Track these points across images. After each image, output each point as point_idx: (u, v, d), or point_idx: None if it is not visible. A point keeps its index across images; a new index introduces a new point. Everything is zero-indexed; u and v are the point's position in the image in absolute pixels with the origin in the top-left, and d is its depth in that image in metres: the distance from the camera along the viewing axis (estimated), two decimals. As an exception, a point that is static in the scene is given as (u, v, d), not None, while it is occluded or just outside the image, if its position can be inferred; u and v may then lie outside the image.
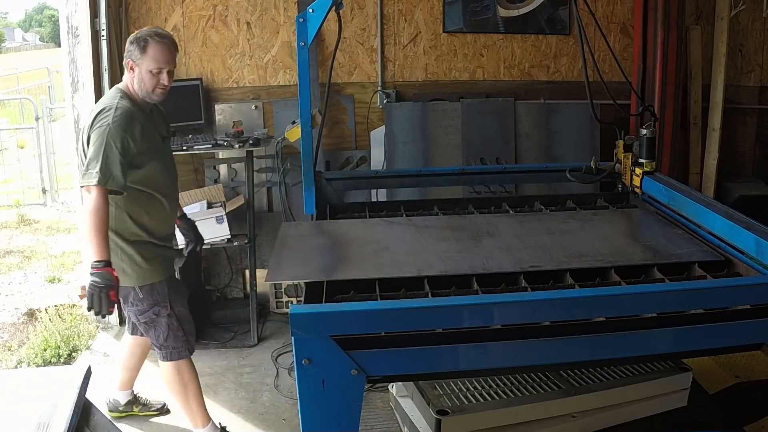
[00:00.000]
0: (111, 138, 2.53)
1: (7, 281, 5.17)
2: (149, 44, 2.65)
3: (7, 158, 8.59)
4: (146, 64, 2.64)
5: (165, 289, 2.77)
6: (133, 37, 2.68)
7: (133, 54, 2.66)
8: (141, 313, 2.77)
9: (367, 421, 2.90)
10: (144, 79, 2.66)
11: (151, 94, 2.69)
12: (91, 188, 2.48)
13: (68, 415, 1.54)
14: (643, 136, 2.79)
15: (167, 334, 2.80)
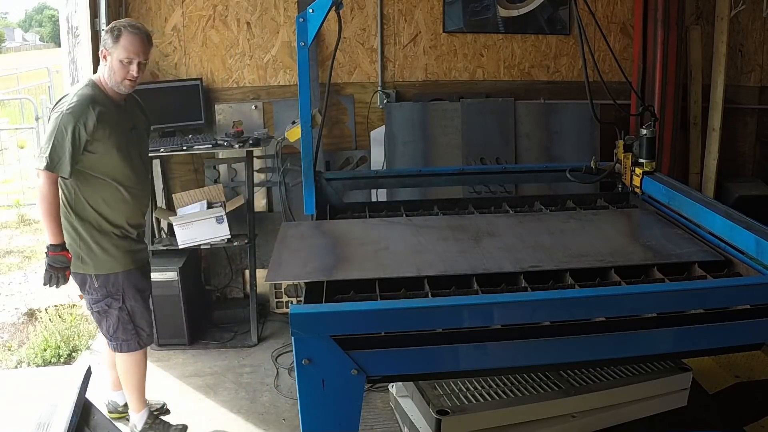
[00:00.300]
0: (63, 124, 2.57)
1: (7, 281, 5.17)
2: (122, 34, 2.67)
3: (7, 158, 8.58)
4: (117, 53, 2.66)
5: (120, 281, 2.79)
6: (108, 27, 2.72)
7: (107, 43, 2.68)
8: (94, 302, 2.80)
9: (367, 421, 2.90)
10: (114, 69, 2.68)
11: (119, 84, 2.71)
12: (40, 173, 2.55)
13: (68, 415, 1.54)
14: (643, 136, 2.79)
15: (116, 326, 2.82)
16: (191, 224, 3.81)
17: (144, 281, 2.94)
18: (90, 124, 2.62)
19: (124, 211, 2.80)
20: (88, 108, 2.62)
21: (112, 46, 2.68)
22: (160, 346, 3.87)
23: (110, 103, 2.72)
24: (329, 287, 2.02)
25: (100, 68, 2.75)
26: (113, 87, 2.73)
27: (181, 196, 4.02)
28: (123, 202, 2.79)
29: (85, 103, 2.63)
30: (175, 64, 4.21)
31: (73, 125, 2.57)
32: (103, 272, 2.77)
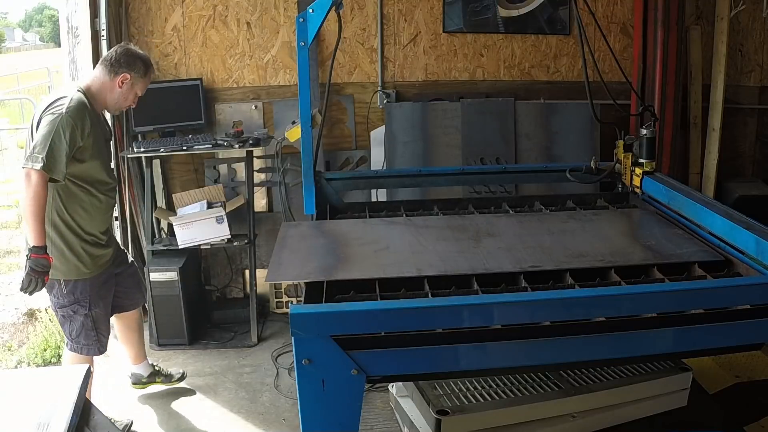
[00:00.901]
0: (61, 126, 2.56)
1: (7, 281, 5.17)
2: (150, 71, 2.85)
3: (7, 158, 8.59)
4: (140, 85, 2.84)
5: (88, 288, 2.81)
6: (138, 55, 2.81)
7: (137, 71, 2.79)
8: (60, 306, 2.81)
9: (367, 421, 2.90)
10: (128, 96, 2.82)
11: (119, 108, 2.88)
12: (33, 173, 2.51)
13: (68, 415, 1.54)
14: (643, 136, 2.79)
15: (80, 331, 2.84)
16: (191, 224, 3.81)
17: (106, 287, 2.94)
18: (85, 131, 2.65)
19: (98, 218, 2.84)
20: (84, 115, 2.65)
21: (139, 78, 2.81)
22: (160, 346, 3.87)
23: (94, 114, 2.75)
24: (329, 287, 2.02)
25: (92, 78, 2.79)
26: (111, 107, 2.84)
27: (181, 196, 4.02)
28: (98, 210, 2.82)
29: (82, 109, 2.65)
30: (175, 64, 4.22)
31: (71, 129, 2.58)
32: (72, 278, 2.77)
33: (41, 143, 2.53)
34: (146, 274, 3.83)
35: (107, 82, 2.77)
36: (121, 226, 4.07)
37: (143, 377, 3.38)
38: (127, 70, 2.76)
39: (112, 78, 2.76)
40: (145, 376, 3.38)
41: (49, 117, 2.59)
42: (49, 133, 2.55)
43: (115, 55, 2.77)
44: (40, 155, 2.52)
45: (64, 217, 2.73)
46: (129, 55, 2.78)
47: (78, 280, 2.79)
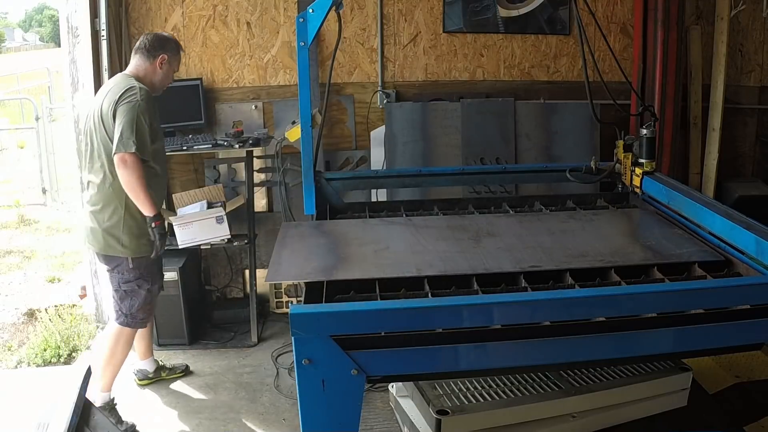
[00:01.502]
0: (140, 113, 2.85)
1: (7, 281, 5.17)
2: (180, 48, 3.16)
3: (7, 158, 8.59)
4: (175, 63, 3.14)
5: (150, 264, 3.10)
6: (167, 37, 3.13)
7: (171, 50, 3.09)
8: (125, 282, 3.05)
9: (367, 421, 2.90)
10: (168, 75, 3.12)
11: (163, 87, 3.15)
12: (128, 156, 2.80)
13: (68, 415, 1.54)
14: (643, 136, 2.79)
15: (141, 305, 3.08)
16: (191, 224, 3.80)
17: (160, 265, 3.26)
18: (154, 115, 2.97)
19: (160, 196, 3.13)
20: (152, 100, 2.96)
21: (174, 56, 3.11)
22: (160, 346, 3.87)
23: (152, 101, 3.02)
24: (329, 287, 2.02)
25: (137, 67, 3.05)
26: (155, 87, 3.09)
27: (181, 196, 4.02)
28: (161, 188, 3.13)
29: (150, 96, 2.96)
30: (175, 64, 4.21)
31: (149, 114, 2.90)
32: (138, 255, 3.03)
33: (128, 129, 2.80)
34: (146, 274, 3.84)
35: (148, 66, 3.06)
36: (121, 226, 4.07)
37: (149, 373, 3.48)
38: (162, 51, 3.06)
39: (152, 62, 3.05)
40: (151, 371, 3.48)
41: (127, 106, 2.84)
42: (132, 119, 2.82)
43: (147, 42, 3.05)
44: (130, 139, 2.80)
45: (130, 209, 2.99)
46: (160, 38, 3.09)
47: (143, 257, 3.05)
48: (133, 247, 3.01)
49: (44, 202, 7.46)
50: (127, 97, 2.86)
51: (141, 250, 3.03)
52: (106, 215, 2.97)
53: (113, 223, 2.96)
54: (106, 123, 2.88)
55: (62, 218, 6.92)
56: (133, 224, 2.99)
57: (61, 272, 5.29)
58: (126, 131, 2.80)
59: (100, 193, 2.98)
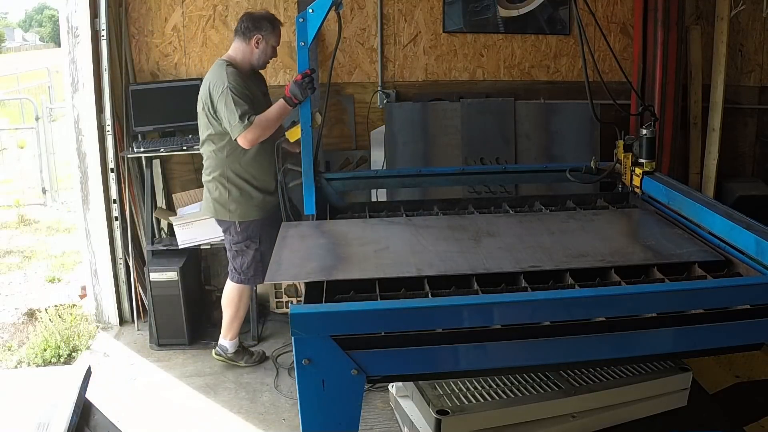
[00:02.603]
0: (232, 94, 3.12)
1: (7, 281, 5.17)
2: (276, 25, 3.31)
3: (7, 158, 8.59)
4: (273, 40, 3.30)
5: (258, 228, 3.38)
6: (260, 16, 3.32)
7: (264, 30, 3.26)
8: (234, 243, 3.41)
9: (367, 421, 2.90)
10: (265, 52, 3.31)
11: (264, 64, 3.37)
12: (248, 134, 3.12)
13: (68, 415, 1.54)
14: (643, 136, 2.79)
15: (250, 264, 3.42)
16: (191, 224, 3.81)
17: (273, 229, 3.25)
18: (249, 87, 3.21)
19: (265, 166, 3.32)
20: (240, 81, 3.18)
21: (269, 34, 3.28)
22: (160, 346, 3.87)
23: (245, 76, 3.28)
24: (329, 287, 2.02)
25: (237, 50, 3.30)
26: (255, 66, 3.34)
27: (181, 196, 4.02)
28: (265, 158, 3.30)
29: (236, 80, 3.17)
30: (175, 64, 4.21)
31: (240, 94, 3.13)
32: (245, 220, 3.35)
33: (232, 114, 3.11)
34: (146, 274, 3.84)
35: (246, 47, 3.29)
36: (121, 226, 4.07)
37: (228, 352, 3.63)
38: (256, 32, 3.26)
39: (248, 43, 3.27)
40: (230, 352, 3.63)
41: (222, 96, 3.13)
42: (229, 104, 3.11)
43: (242, 24, 3.30)
44: (240, 122, 3.10)
45: (238, 170, 3.31)
46: (253, 19, 3.30)
47: (250, 221, 3.35)
48: (240, 213, 3.34)
49: (44, 202, 7.46)
50: (217, 90, 3.16)
51: (247, 215, 3.34)
52: (213, 186, 3.37)
53: (220, 193, 3.34)
54: (205, 107, 3.23)
55: (62, 218, 6.92)
56: (237, 194, 3.32)
57: (61, 272, 5.29)
58: (232, 118, 3.12)
59: (208, 168, 3.40)
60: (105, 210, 4.04)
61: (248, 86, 3.23)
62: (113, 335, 4.06)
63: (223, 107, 3.14)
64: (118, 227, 4.07)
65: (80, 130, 3.97)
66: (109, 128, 3.96)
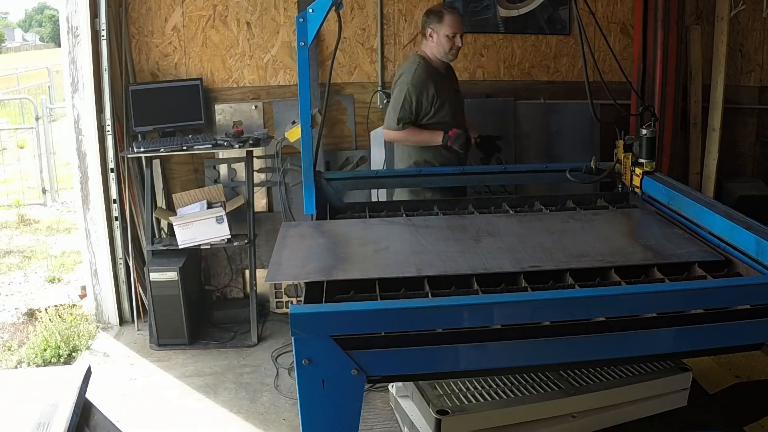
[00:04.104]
0: (408, 94, 3.33)
1: (7, 281, 5.17)
2: (444, 14, 3.38)
3: (7, 158, 8.58)
4: (443, 29, 3.37)
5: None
6: (429, 10, 3.47)
7: (432, 23, 3.39)
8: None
9: (367, 421, 2.90)
10: (442, 43, 3.39)
11: (447, 54, 3.43)
12: (392, 133, 3.39)
13: (68, 415, 1.54)
14: (643, 136, 2.78)
15: None
16: (191, 224, 3.81)
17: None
18: (430, 93, 3.35)
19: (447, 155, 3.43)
20: (427, 80, 3.35)
21: (437, 24, 3.37)
22: (160, 346, 3.87)
23: (437, 73, 3.43)
24: (329, 287, 2.02)
25: (424, 44, 3.46)
26: (441, 57, 3.44)
27: (181, 196, 4.02)
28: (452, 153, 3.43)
29: (425, 76, 3.34)
30: (175, 64, 4.21)
31: (417, 95, 3.32)
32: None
33: (392, 109, 3.36)
34: (146, 274, 3.84)
35: (426, 42, 3.45)
36: (121, 226, 4.08)
37: None
38: (427, 25, 3.41)
39: (426, 37, 3.44)
40: None
41: (399, 88, 3.35)
42: (399, 101, 3.33)
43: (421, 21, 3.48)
44: (392, 119, 3.35)
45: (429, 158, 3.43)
46: (426, 13, 3.47)
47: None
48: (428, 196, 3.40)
49: (44, 202, 7.46)
50: (400, 81, 3.37)
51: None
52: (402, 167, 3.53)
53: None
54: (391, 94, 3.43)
55: (62, 218, 6.92)
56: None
57: (61, 272, 5.29)
58: (391, 111, 3.37)
59: (401, 158, 3.55)
60: (105, 210, 4.05)
61: (438, 84, 3.38)
62: (113, 335, 4.06)
63: (394, 98, 3.37)
64: (118, 227, 4.07)
65: (80, 130, 3.97)
66: (109, 128, 3.96)
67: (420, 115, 3.39)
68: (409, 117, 3.36)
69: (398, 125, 3.36)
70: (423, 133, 3.40)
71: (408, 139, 3.43)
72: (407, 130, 3.38)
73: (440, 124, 3.41)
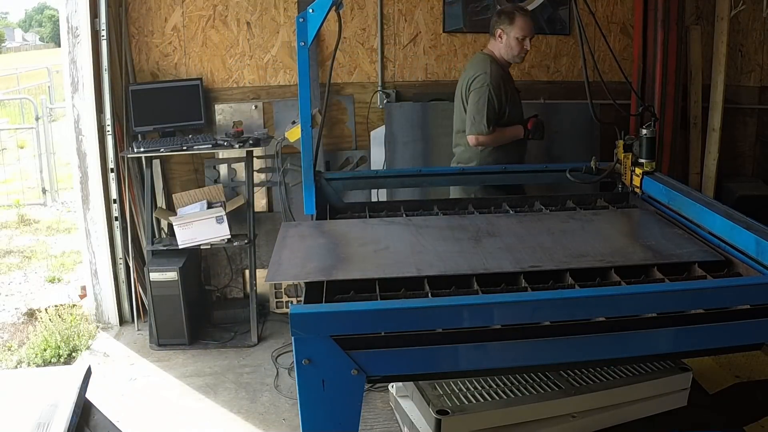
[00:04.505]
0: (489, 97, 3.31)
1: (7, 281, 5.17)
2: (516, 16, 3.36)
3: (7, 158, 8.58)
4: (514, 32, 3.35)
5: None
6: (500, 11, 3.45)
7: (503, 24, 3.37)
8: None
9: (367, 421, 2.90)
10: (511, 45, 3.38)
11: (515, 57, 3.43)
12: (481, 138, 3.35)
13: (68, 415, 1.54)
14: (643, 136, 2.78)
15: None
16: (191, 224, 3.81)
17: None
18: (505, 95, 3.38)
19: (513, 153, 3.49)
20: (501, 81, 3.36)
21: (508, 25, 3.36)
22: (160, 346, 3.87)
23: (505, 74, 3.45)
24: (329, 287, 2.02)
25: (490, 45, 3.45)
26: (509, 59, 3.44)
27: (181, 196, 4.02)
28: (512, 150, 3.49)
29: (498, 79, 3.35)
30: (175, 64, 4.21)
31: (497, 96, 3.34)
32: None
33: (478, 114, 3.33)
34: (146, 274, 3.84)
35: (494, 42, 3.43)
36: (121, 226, 4.08)
37: None
38: (497, 25, 3.39)
39: (495, 38, 3.41)
40: None
41: (478, 91, 3.33)
42: (483, 104, 3.31)
43: (491, 21, 3.46)
44: (481, 123, 3.33)
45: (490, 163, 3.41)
46: (497, 13, 3.47)
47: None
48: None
49: (44, 202, 7.46)
50: (477, 83, 3.34)
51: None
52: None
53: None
54: (462, 96, 3.42)
55: (62, 218, 6.92)
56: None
57: (61, 272, 5.29)
58: (477, 116, 3.32)
59: (461, 160, 3.50)
60: (105, 210, 4.05)
61: (506, 82, 3.40)
62: (113, 335, 4.06)
63: (476, 102, 3.32)
64: (118, 227, 4.07)
65: (80, 130, 3.97)
66: (109, 128, 3.96)
67: (499, 115, 3.40)
68: (494, 118, 3.37)
69: (489, 128, 3.34)
70: (507, 131, 3.42)
71: (496, 140, 3.41)
72: (495, 132, 3.39)
73: (512, 122, 3.45)
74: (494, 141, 3.39)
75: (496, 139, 3.39)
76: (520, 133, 3.43)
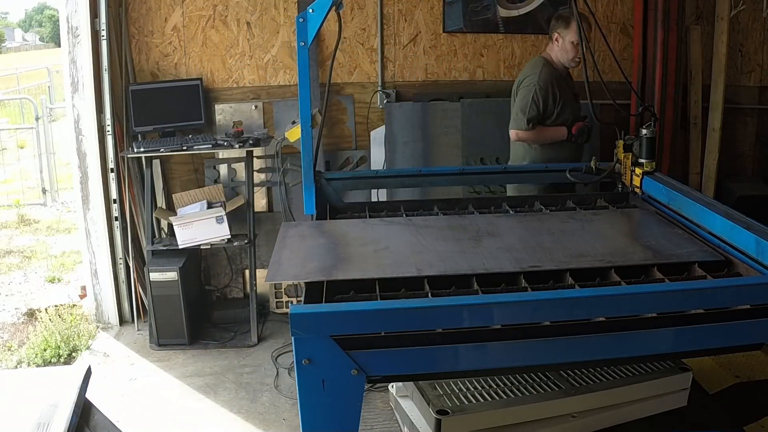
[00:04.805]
0: (536, 96, 3.41)
1: (7, 281, 5.17)
2: (572, 21, 3.38)
3: (7, 158, 8.59)
4: (568, 35, 3.42)
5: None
6: (558, 15, 3.53)
7: (559, 28, 3.44)
8: None
9: (367, 421, 2.90)
10: (566, 49, 3.45)
11: (570, 61, 3.49)
12: (521, 133, 3.47)
13: (68, 415, 1.54)
14: (643, 136, 2.78)
15: None
16: (191, 224, 3.81)
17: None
18: (555, 95, 3.43)
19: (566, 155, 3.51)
20: (551, 82, 3.43)
21: (563, 29, 3.43)
22: (160, 346, 3.87)
23: (559, 76, 3.51)
24: (329, 287, 2.02)
25: (549, 48, 3.53)
26: (563, 63, 3.51)
27: (181, 196, 4.02)
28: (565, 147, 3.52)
29: (549, 79, 3.43)
30: (175, 64, 4.22)
31: (543, 97, 3.41)
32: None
33: (521, 111, 3.44)
34: (146, 274, 3.84)
35: (551, 45, 3.51)
36: (121, 226, 4.08)
37: None
38: (554, 30, 3.47)
39: (552, 41, 3.49)
40: None
41: (524, 90, 3.44)
42: (526, 103, 3.41)
43: (549, 24, 3.55)
44: (521, 120, 3.43)
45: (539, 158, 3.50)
46: (554, 17, 3.53)
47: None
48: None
49: (44, 202, 7.46)
50: (526, 83, 3.44)
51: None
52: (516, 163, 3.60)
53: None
54: (514, 97, 3.54)
55: (62, 218, 6.92)
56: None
57: (61, 272, 5.29)
58: (519, 113, 3.44)
59: (516, 157, 3.60)
60: (105, 210, 4.05)
61: (560, 87, 3.46)
62: (113, 335, 4.06)
63: (521, 99, 3.44)
64: (118, 227, 4.07)
65: (80, 130, 3.97)
66: (109, 128, 3.96)
67: (545, 116, 3.46)
68: (537, 117, 3.44)
69: (528, 126, 3.43)
70: (549, 130, 3.49)
71: (537, 138, 3.49)
72: (537, 129, 3.47)
73: (563, 124, 3.50)
74: (534, 138, 3.48)
75: (536, 136, 3.48)
76: (563, 134, 3.48)
